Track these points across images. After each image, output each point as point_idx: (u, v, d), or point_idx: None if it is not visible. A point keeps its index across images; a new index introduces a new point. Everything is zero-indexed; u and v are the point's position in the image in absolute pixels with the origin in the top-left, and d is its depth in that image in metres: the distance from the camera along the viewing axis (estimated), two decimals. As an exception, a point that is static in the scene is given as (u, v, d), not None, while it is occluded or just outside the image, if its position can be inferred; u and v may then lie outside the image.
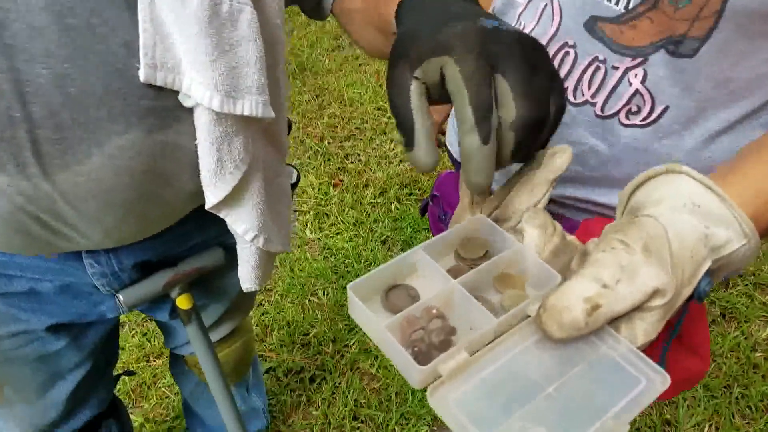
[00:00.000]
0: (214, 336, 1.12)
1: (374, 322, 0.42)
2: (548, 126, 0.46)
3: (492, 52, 0.43)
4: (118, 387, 1.70)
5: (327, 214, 2.29)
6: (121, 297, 0.85)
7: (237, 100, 0.63)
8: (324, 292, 1.98)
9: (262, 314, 1.91)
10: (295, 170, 1.00)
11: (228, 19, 0.60)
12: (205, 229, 0.91)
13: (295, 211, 2.30)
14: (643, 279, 0.40)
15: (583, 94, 0.69)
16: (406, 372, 0.41)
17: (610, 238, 0.43)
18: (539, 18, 0.73)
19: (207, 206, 0.70)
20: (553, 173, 0.50)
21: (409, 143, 0.46)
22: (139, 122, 0.61)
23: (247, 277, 0.82)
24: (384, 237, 2.20)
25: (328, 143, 2.67)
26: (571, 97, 0.70)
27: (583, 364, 0.40)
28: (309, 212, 2.29)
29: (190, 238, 0.90)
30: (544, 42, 0.71)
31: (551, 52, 0.71)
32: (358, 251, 2.13)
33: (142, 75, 0.58)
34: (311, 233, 2.20)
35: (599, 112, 0.69)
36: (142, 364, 1.77)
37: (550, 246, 0.47)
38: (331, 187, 2.41)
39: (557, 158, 0.50)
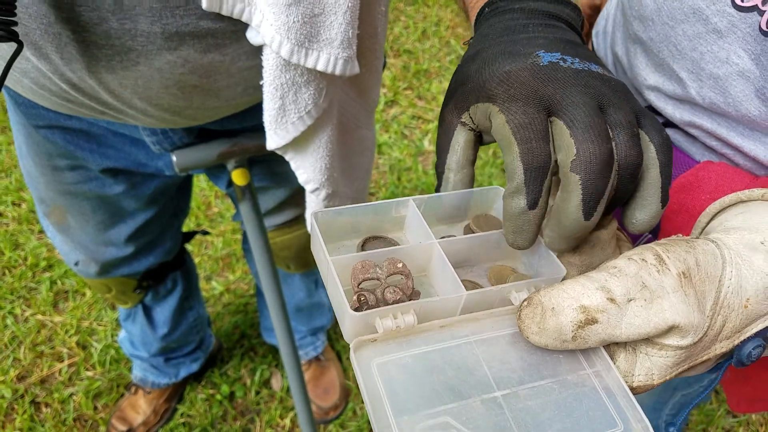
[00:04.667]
0: (276, 219, 1.08)
1: (322, 252, 0.36)
2: (648, 169, 0.36)
3: (545, 94, 0.36)
4: (209, 252, 1.76)
5: (451, 128, 2.14)
6: (174, 157, 0.82)
7: (311, 51, 0.55)
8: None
9: (358, 215, 1.86)
10: (383, 59, 0.87)
11: None
12: None
13: (419, 118, 2.17)
14: (663, 308, 0.32)
15: None
16: (340, 317, 0.34)
17: (646, 247, 0.35)
18: None
19: (267, 147, 0.65)
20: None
21: (437, 189, 0.41)
22: (194, 41, 0.56)
23: None
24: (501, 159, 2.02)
25: (473, 53, 2.46)
26: None
27: (552, 380, 0.32)
28: (433, 122, 2.15)
29: (254, 117, 0.84)
30: None
31: None
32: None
33: (205, 2, 0.51)
34: (429, 144, 2.08)
35: (765, 27, 0.50)
36: (236, 235, 1.81)
37: (591, 236, 0.38)
38: (463, 101, 2.24)
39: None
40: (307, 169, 0.69)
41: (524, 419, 0.30)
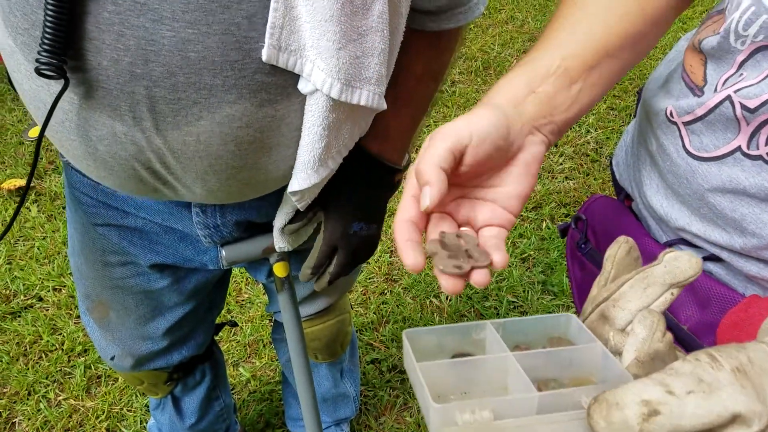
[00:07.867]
0: (309, 309, 1.12)
1: (411, 359, 0.42)
2: None
3: None
4: (237, 338, 1.79)
5: (474, 218, 2.20)
6: (223, 252, 0.88)
7: (355, 89, 0.64)
8: (447, 297, 1.91)
9: (382, 303, 1.89)
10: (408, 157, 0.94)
11: (360, 8, 0.60)
12: None
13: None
14: (722, 398, 0.34)
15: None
16: (424, 411, 0.40)
17: (700, 351, 0.37)
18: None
19: (289, 189, 0.72)
20: (673, 277, 0.44)
21: None
22: (250, 95, 0.62)
23: None
24: (526, 255, 2.06)
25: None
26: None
27: None
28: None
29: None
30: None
31: None
32: (495, 262, 2.01)
33: (265, 55, 0.59)
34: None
35: None
36: (264, 321, 1.85)
37: (650, 350, 0.42)
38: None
39: (681, 263, 0.44)
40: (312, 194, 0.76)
41: None
